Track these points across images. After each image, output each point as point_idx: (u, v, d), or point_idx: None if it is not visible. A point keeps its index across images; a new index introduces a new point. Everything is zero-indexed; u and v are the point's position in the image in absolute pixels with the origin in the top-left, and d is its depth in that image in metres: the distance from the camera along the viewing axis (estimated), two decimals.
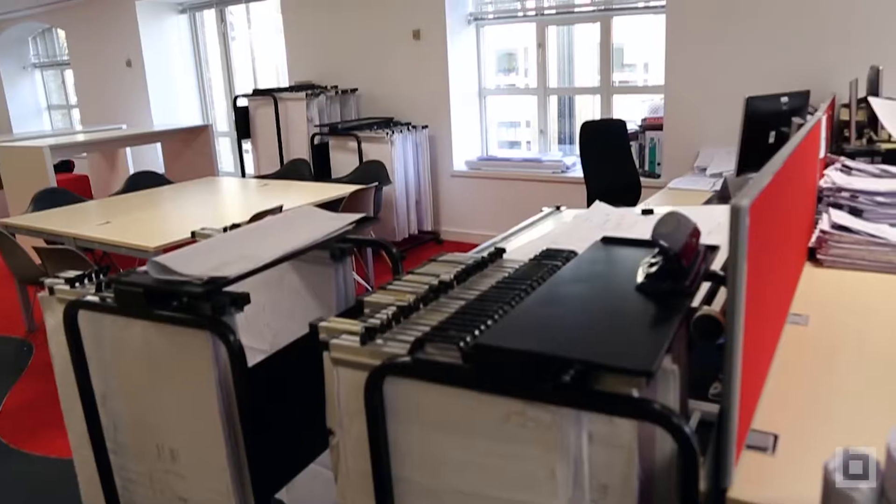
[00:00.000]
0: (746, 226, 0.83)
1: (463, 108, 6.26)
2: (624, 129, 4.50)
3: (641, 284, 1.00)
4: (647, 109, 5.51)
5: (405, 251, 5.80)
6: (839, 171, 2.68)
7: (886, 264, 1.99)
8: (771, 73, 4.60)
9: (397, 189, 5.72)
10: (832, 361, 1.40)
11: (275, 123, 6.37)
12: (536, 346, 0.81)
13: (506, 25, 6.27)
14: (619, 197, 3.92)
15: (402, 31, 6.27)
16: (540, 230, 2.24)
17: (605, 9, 5.55)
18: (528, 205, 3.12)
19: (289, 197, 4.28)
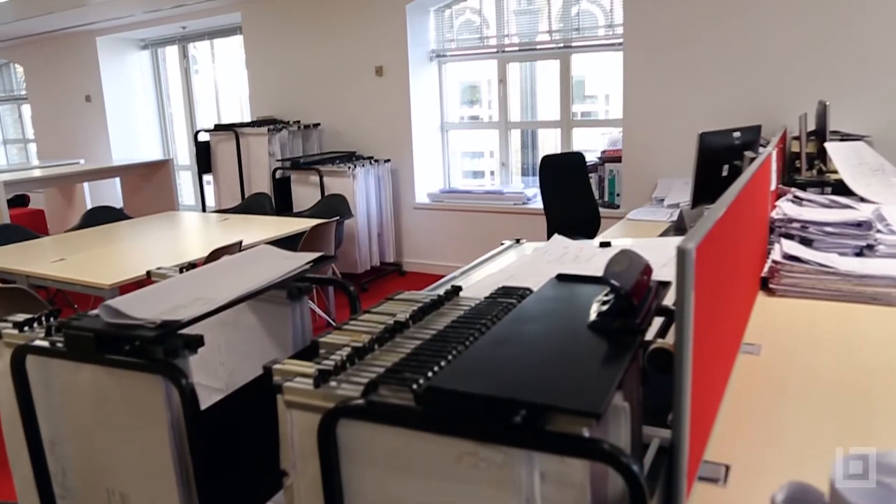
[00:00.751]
0: (693, 267, 0.85)
1: (425, 141, 6.32)
2: (583, 161, 4.58)
3: (593, 323, 1.01)
4: (606, 142, 5.62)
5: (367, 283, 5.80)
6: (790, 202, 2.76)
7: (835, 292, 2.05)
8: (725, 108, 4.74)
9: (359, 222, 5.73)
10: (783, 390, 1.43)
11: (236, 158, 6.35)
12: (487, 389, 0.82)
13: (474, 61, 6.36)
14: (579, 228, 3.97)
15: (364, 68, 6.34)
16: (499, 264, 2.26)
17: (564, 46, 5.68)
18: (490, 236, 3.16)
19: (249, 232, 4.25)
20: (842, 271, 2.05)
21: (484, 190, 6.19)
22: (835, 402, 1.37)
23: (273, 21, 6.82)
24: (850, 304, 1.99)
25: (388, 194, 6.19)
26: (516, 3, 5.93)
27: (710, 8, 4.82)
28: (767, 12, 4.66)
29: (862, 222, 2.31)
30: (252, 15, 6.96)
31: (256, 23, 6.96)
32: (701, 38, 4.87)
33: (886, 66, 4.39)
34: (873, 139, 4.21)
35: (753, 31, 4.71)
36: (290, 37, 6.74)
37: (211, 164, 6.68)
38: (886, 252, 2.25)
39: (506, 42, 6.01)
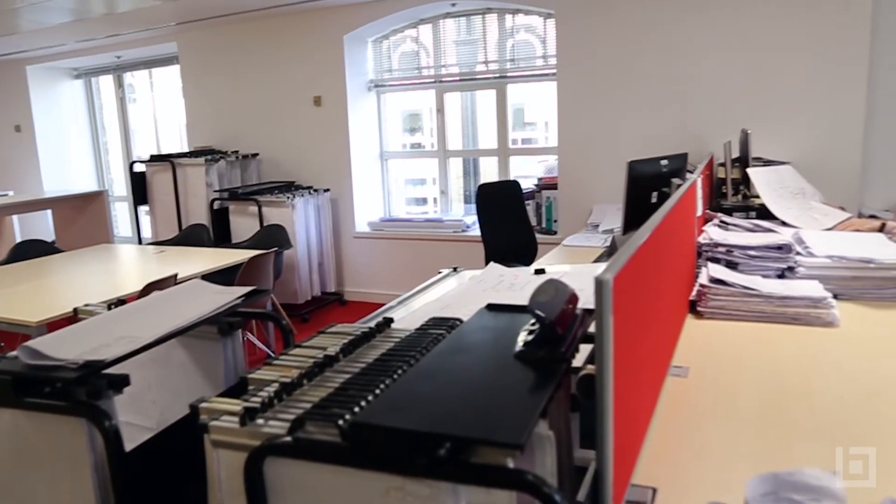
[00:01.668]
0: (610, 297, 0.88)
1: (364, 170, 6.34)
2: (519, 189, 4.66)
3: (519, 353, 1.03)
4: (543, 169, 5.73)
5: (308, 313, 5.74)
6: (717, 226, 2.85)
7: (759, 314, 2.12)
8: (655, 136, 4.89)
9: (299, 252, 5.69)
10: (710, 412, 1.47)
11: (173, 188, 6.24)
12: (412, 423, 0.83)
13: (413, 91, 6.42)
14: (517, 255, 4.03)
15: (303, 97, 6.33)
16: (436, 293, 2.27)
17: (499, 76, 5.79)
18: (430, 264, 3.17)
19: (186, 264, 4.17)
20: (764, 293, 2.12)
21: (424, 218, 6.22)
22: (757, 423, 1.41)
23: (210, 51, 6.77)
24: (773, 325, 2.07)
25: (327, 224, 6.16)
26: (456, 34, 6.02)
27: (639, 41, 4.99)
28: (692, 46, 4.85)
29: (783, 245, 2.41)
30: (188, 45, 6.89)
31: (193, 53, 6.89)
32: (630, 69, 5.03)
33: (803, 96, 4.61)
34: (794, 165, 4.40)
35: (680, 63, 4.90)
36: (228, 67, 6.69)
37: (147, 195, 6.55)
38: (806, 274, 2.34)
39: (443, 72, 6.10)
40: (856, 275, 2.31)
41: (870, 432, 1.36)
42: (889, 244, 2.57)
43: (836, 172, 4.52)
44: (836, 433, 1.35)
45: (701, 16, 4.80)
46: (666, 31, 4.91)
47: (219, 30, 6.61)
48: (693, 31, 4.84)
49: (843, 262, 2.33)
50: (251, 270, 4.12)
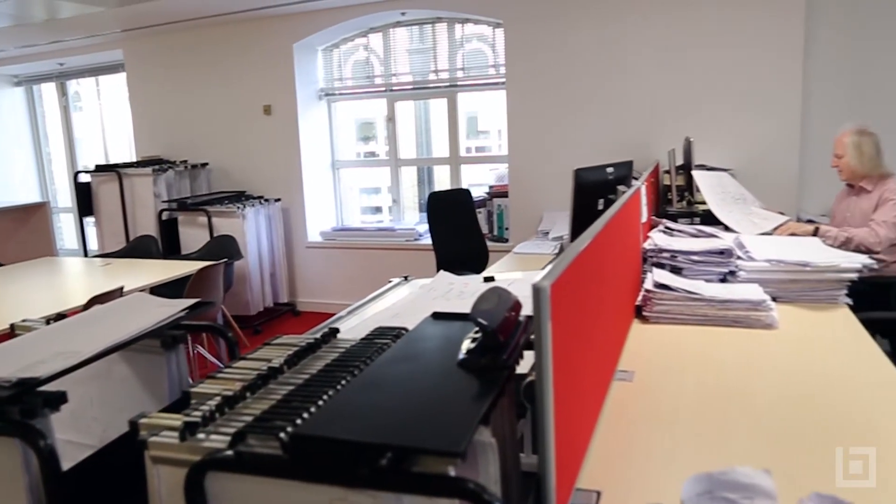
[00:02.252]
0: (548, 304, 0.89)
1: (316, 179, 6.30)
2: (469, 197, 4.69)
3: (462, 361, 1.04)
4: (494, 177, 5.77)
5: (260, 324, 5.67)
6: (662, 232, 2.91)
7: (702, 317, 2.17)
8: (603, 144, 4.98)
9: (250, 263, 5.62)
10: (654, 415, 1.50)
11: (120, 199, 6.11)
12: (353, 434, 0.83)
13: (364, 100, 6.40)
14: (468, 263, 4.05)
15: (252, 106, 6.27)
16: (386, 302, 2.27)
17: (450, 85, 5.82)
18: (383, 273, 3.17)
19: (133, 276, 4.09)
20: (707, 297, 2.18)
21: (376, 227, 6.21)
22: (699, 424, 1.45)
23: (157, 59, 6.65)
24: (716, 328, 2.12)
25: (279, 234, 6.11)
26: (408, 43, 6.04)
27: (586, 51, 5.08)
28: (638, 56, 4.96)
29: (724, 250, 2.48)
30: (134, 52, 6.77)
31: (139, 60, 6.77)
32: (578, 79, 5.12)
33: (743, 106, 4.75)
34: (735, 172, 4.52)
35: (626, 73, 5.00)
36: (176, 75, 6.59)
37: (93, 207, 6.39)
38: (746, 277, 2.41)
39: (394, 81, 6.10)
40: (793, 278, 2.39)
41: (805, 430, 1.40)
42: (824, 248, 2.66)
43: (775, 179, 4.67)
44: (773, 432, 1.40)
45: (646, 27, 4.91)
46: (612, 41, 5.01)
47: (166, 37, 6.51)
48: (638, 42, 4.95)
49: (781, 266, 2.40)
50: (201, 282, 4.06)
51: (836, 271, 2.37)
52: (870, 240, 3.22)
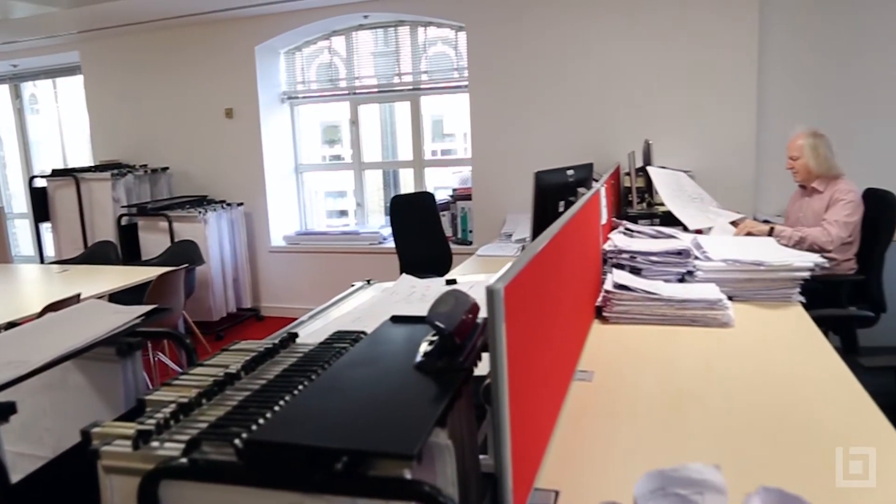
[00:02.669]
0: (502, 305, 0.90)
1: (279, 183, 6.25)
2: (432, 200, 4.70)
3: (419, 363, 1.04)
4: (457, 180, 5.79)
5: (223, 330, 5.61)
6: (622, 233, 2.95)
7: (661, 317, 2.20)
8: (565, 146, 5.03)
9: (213, 268, 5.55)
10: (613, 414, 1.52)
11: (77, 204, 5.99)
12: (307, 439, 0.82)
13: (327, 103, 6.36)
14: (431, 266, 4.05)
15: (214, 110, 6.20)
16: (349, 305, 2.27)
17: (413, 88, 5.82)
18: (347, 277, 3.15)
19: (90, 283, 4.01)
20: (665, 297, 2.21)
21: (340, 231, 6.18)
22: (657, 422, 1.47)
23: (115, 61, 6.54)
24: (674, 327, 2.16)
25: (242, 238, 6.04)
26: (373, 46, 6.03)
27: (547, 54, 5.13)
28: (599, 59, 5.02)
29: (682, 251, 2.52)
30: (91, 54, 6.64)
31: (97, 62, 6.65)
32: (540, 82, 5.16)
33: (701, 109, 4.84)
34: (693, 174, 4.60)
35: (588, 76, 5.06)
36: (135, 77, 6.49)
37: (49, 212, 6.26)
38: (703, 277, 2.45)
39: (357, 84, 6.09)
40: (748, 277, 2.44)
41: (757, 426, 1.43)
42: (778, 248, 2.72)
43: (732, 180, 4.76)
44: (727, 428, 1.42)
45: (607, 31, 4.98)
46: (573, 45, 5.07)
47: (124, 39, 6.40)
48: (599, 45, 5.01)
49: (737, 266, 2.45)
50: (161, 288, 4.00)
51: (789, 270, 2.42)
52: (822, 239, 3.31)
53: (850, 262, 3.45)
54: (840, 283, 3.32)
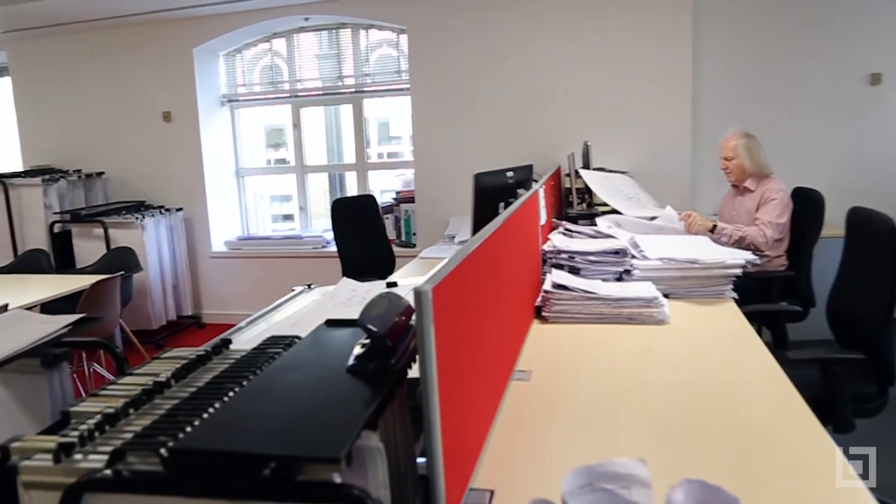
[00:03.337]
0: (430, 307, 0.90)
1: (220, 188, 6.14)
2: (375, 203, 4.69)
3: (350, 366, 1.04)
4: (400, 183, 5.79)
5: (163, 339, 5.48)
6: (562, 234, 2.99)
7: (599, 315, 2.24)
8: (506, 148, 5.08)
9: (151, 275, 5.42)
10: (550, 413, 1.53)
11: (6, 211, 5.77)
12: (233, 445, 0.82)
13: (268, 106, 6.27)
14: (374, 269, 4.04)
15: (151, 113, 6.06)
16: (288, 310, 2.24)
17: (355, 91, 5.80)
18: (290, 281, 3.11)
19: (20, 293, 3.87)
20: (602, 296, 2.25)
21: (283, 235, 6.11)
22: (593, 420, 1.49)
23: (46, 62, 6.33)
24: (612, 326, 2.19)
25: (181, 244, 5.92)
26: (316, 48, 5.97)
27: (488, 57, 5.17)
28: (539, 61, 5.09)
29: (619, 250, 2.56)
30: (19, 53, 6.41)
31: (26, 63, 6.42)
32: (481, 84, 5.20)
33: (639, 111, 4.95)
34: (632, 174, 4.70)
35: (528, 78, 5.12)
36: (68, 79, 6.28)
37: None
38: (640, 276, 2.50)
39: (299, 87, 6.03)
40: (683, 275, 2.50)
41: (689, 420, 1.47)
42: (712, 245, 2.80)
43: (669, 180, 4.88)
44: (660, 424, 1.45)
45: (547, 34, 5.05)
46: (513, 47, 5.12)
47: (56, 39, 6.20)
48: (539, 48, 5.08)
49: (672, 264, 2.51)
50: (96, 297, 3.89)
51: (722, 267, 2.49)
52: (759, 239, 3.42)
53: (781, 259, 3.57)
54: (771, 280, 3.43)
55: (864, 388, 2.32)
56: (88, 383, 4.12)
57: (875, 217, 2.37)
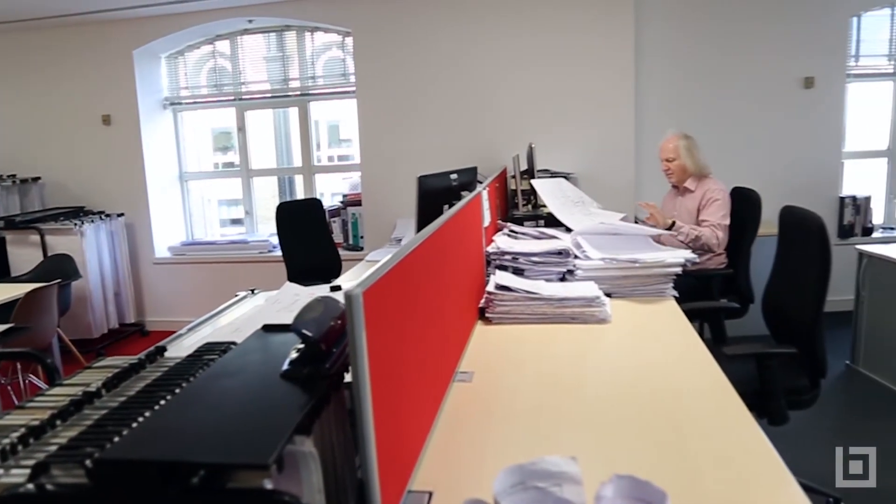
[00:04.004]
0: (361, 311, 0.90)
1: (163, 193, 6.02)
2: (320, 207, 4.65)
3: (284, 372, 1.03)
4: (347, 186, 5.76)
5: (104, 348, 5.34)
6: (506, 235, 3.01)
7: (542, 316, 2.26)
8: (453, 150, 5.11)
9: (91, 282, 5.28)
10: (491, 413, 1.54)
11: None
12: (160, 454, 0.80)
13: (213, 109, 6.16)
14: (320, 273, 4.01)
15: (90, 116, 5.90)
16: (231, 316, 2.22)
17: (301, 94, 5.75)
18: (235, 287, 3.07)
19: None
20: (545, 296, 2.27)
21: (228, 240, 6.02)
22: (533, 419, 1.51)
23: None
24: (555, 325, 2.22)
25: (123, 251, 5.77)
26: (261, 50, 5.89)
27: (433, 60, 5.19)
28: (485, 64, 5.13)
29: (562, 251, 2.60)
30: None
31: None
32: (427, 87, 5.22)
33: (583, 113, 5.03)
34: (577, 176, 4.78)
35: (474, 81, 5.15)
36: (1, 81, 6.07)
37: None
38: (583, 276, 2.54)
39: (243, 90, 5.95)
40: (625, 274, 2.54)
41: (627, 417, 1.50)
42: (653, 245, 2.85)
43: (613, 182, 4.97)
44: (599, 422, 1.48)
45: (492, 37, 5.09)
46: (459, 49, 5.15)
47: None
48: (485, 50, 5.12)
49: (614, 264, 2.55)
50: (31, 305, 3.76)
51: (662, 266, 2.54)
52: (712, 241, 3.51)
53: (721, 257, 3.67)
54: (712, 278, 3.52)
55: (796, 381, 2.40)
56: (24, 395, 3.99)
57: (806, 216, 2.45)
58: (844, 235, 5.19)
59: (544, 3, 5.01)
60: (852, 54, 5.19)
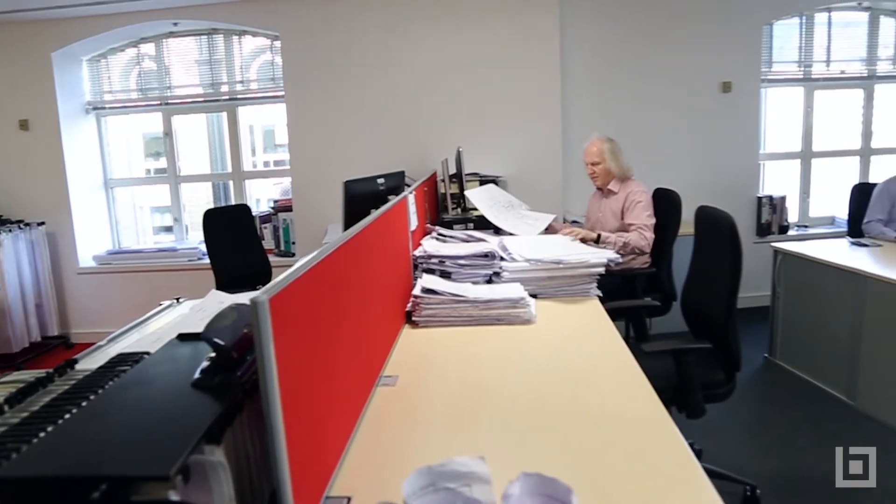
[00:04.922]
0: (268, 318, 0.91)
1: (87, 200, 5.82)
2: (249, 213, 4.59)
3: (195, 381, 1.02)
4: (278, 192, 5.70)
5: (25, 362, 5.14)
6: (434, 239, 3.04)
7: (468, 318, 2.29)
8: (383, 155, 5.11)
9: (10, 294, 5.08)
10: (413, 417, 1.56)
11: None
12: (59, 469, 0.79)
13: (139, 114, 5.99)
14: (251, 279, 3.95)
15: (6, 121, 5.66)
16: (154, 326, 2.18)
17: (229, 99, 5.66)
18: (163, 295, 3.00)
19: None
20: (471, 298, 2.30)
21: (157, 248, 5.86)
22: (456, 421, 1.53)
23: None
24: (481, 327, 2.25)
25: (44, 261, 5.55)
26: (191, 54, 5.76)
27: (361, 63, 5.18)
28: (413, 69, 5.15)
29: (488, 253, 2.63)
30: None
31: None
32: (356, 91, 5.21)
33: (511, 118, 5.11)
34: (506, 179, 4.85)
35: (402, 85, 5.17)
36: None
37: None
38: (509, 278, 2.58)
39: (170, 94, 5.81)
40: (550, 275, 2.60)
41: (548, 416, 1.53)
42: (577, 245, 2.92)
43: (542, 184, 5.06)
44: (519, 421, 1.51)
45: (421, 42, 5.11)
46: (387, 53, 5.15)
47: None
48: (413, 55, 5.13)
49: (539, 265, 2.60)
50: None
51: (586, 266, 2.60)
52: (641, 243, 3.60)
53: (645, 257, 3.77)
54: (635, 277, 3.62)
55: (713, 375, 2.49)
56: None
57: (718, 215, 2.55)
58: (762, 234, 5.40)
59: (471, 6, 5.06)
60: (766, 60, 5.42)
